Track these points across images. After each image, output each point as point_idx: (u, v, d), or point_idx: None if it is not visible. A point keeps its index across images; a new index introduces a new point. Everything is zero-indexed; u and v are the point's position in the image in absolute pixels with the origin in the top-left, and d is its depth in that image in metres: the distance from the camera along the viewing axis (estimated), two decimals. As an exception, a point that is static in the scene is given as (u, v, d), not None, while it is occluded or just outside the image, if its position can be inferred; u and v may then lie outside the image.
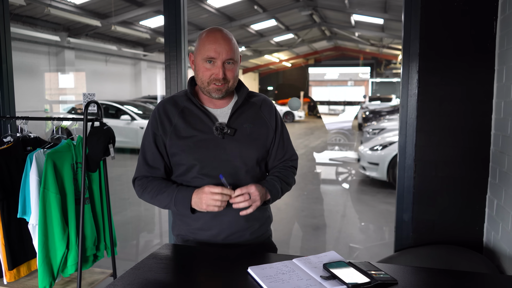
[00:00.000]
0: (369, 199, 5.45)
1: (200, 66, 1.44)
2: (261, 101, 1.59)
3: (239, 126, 1.49)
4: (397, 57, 19.47)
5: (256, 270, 1.21)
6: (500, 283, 1.26)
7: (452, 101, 2.19)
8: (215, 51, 1.40)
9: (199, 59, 1.44)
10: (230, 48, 1.42)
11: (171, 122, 1.48)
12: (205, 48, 1.41)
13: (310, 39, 17.90)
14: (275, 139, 1.58)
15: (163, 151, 1.50)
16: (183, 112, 1.49)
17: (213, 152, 1.45)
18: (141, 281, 1.18)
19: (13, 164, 2.08)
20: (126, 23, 11.54)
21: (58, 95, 12.00)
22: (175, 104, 1.51)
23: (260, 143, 1.53)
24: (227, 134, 1.46)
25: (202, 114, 1.49)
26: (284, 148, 1.62)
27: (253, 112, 1.55)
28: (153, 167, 1.51)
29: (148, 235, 4.37)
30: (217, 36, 1.42)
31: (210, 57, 1.41)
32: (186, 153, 1.46)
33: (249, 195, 1.38)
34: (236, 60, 1.45)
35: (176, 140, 1.46)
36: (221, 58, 1.41)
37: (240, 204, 1.37)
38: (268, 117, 1.57)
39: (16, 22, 9.45)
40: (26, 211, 2.02)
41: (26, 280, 2.12)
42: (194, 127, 1.47)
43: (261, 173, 1.56)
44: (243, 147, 1.48)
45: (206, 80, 1.44)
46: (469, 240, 2.23)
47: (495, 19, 2.10)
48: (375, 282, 1.12)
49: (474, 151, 2.19)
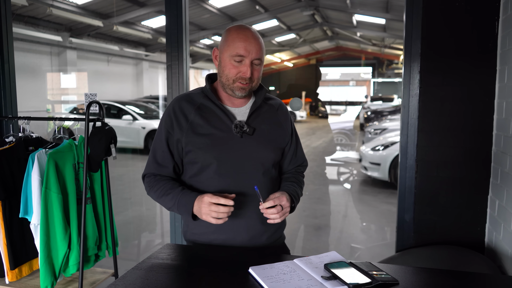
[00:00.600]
0: (370, 199, 5.44)
1: (227, 63, 1.40)
2: (278, 105, 1.58)
3: (257, 126, 1.47)
4: (399, 57, 19.44)
5: (257, 270, 1.21)
6: (502, 283, 1.26)
7: (453, 101, 2.19)
8: (245, 49, 1.37)
9: (226, 55, 1.40)
10: (260, 47, 1.40)
11: (187, 118, 1.44)
12: (234, 45, 1.37)
13: (311, 39, 17.88)
14: (290, 143, 1.58)
15: (174, 150, 1.46)
16: (199, 109, 1.45)
17: (231, 151, 1.42)
18: (142, 281, 1.19)
19: (15, 164, 2.09)
20: (128, 23, 11.56)
21: (60, 95, 12.02)
22: (191, 101, 1.47)
23: (277, 145, 1.51)
24: (245, 133, 1.43)
25: (220, 112, 1.45)
26: (298, 153, 1.62)
27: (270, 114, 1.53)
28: (162, 165, 1.48)
29: (149, 235, 4.37)
30: (248, 34, 1.39)
31: (239, 54, 1.37)
32: (203, 151, 1.41)
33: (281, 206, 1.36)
34: (262, 61, 1.43)
35: (193, 137, 1.42)
36: (250, 57, 1.38)
37: (272, 216, 1.35)
38: (284, 121, 1.56)
39: (19, 22, 9.48)
40: (28, 211, 2.03)
41: (28, 280, 2.13)
42: (212, 124, 1.43)
43: (276, 175, 1.54)
44: (261, 147, 1.46)
45: (232, 78, 1.40)
46: (470, 241, 2.23)
47: (497, 19, 2.10)
48: (376, 282, 1.12)
49: (475, 151, 2.18)
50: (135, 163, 8.50)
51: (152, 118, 9.82)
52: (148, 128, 9.07)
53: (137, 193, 5.99)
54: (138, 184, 6.47)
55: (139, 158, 8.89)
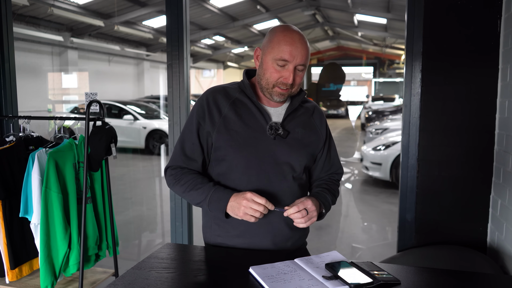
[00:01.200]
0: (372, 199, 5.43)
1: (269, 66, 1.33)
2: (314, 108, 1.51)
3: (291, 130, 1.41)
4: (400, 57, 19.43)
5: (258, 270, 1.20)
6: (504, 283, 1.25)
7: (455, 100, 2.18)
8: (291, 54, 1.30)
9: (269, 58, 1.33)
10: (306, 53, 1.33)
11: (221, 112, 1.37)
12: (280, 48, 1.31)
13: (313, 39, 17.87)
14: (323, 149, 1.51)
15: (204, 143, 1.39)
16: (234, 104, 1.39)
17: (262, 152, 1.36)
18: (142, 281, 1.18)
19: (15, 163, 2.08)
20: (129, 23, 11.57)
21: (61, 95, 12.04)
22: (227, 95, 1.41)
23: (309, 150, 1.45)
24: (279, 136, 1.38)
25: (255, 110, 1.39)
26: (331, 160, 1.54)
27: (306, 118, 1.47)
28: (191, 158, 1.40)
29: (150, 234, 4.37)
30: (295, 38, 1.31)
31: (283, 59, 1.30)
32: (233, 148, 1.35)
33: (306, 210, 1.30)
34: (306, 66, 1.35)
35: (225, 133, 1.36)
36: (295, 62, 1.31)
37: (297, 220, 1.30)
38: (319, 126, 1.49)
39: (20, 22, 9.49)
40: (28, 211, 2.02)
41: (28, 280, 2.13)
42: (246, 122, 1.37)
43: (306, 181, 1.49)
44: (293, 151, 1.39)
45: (273, 82, 1.34)
46: (472, 240, 2.22)
47: (499, 18, 2.08)
48: (377, 282, 1.11)
49: (477, 150, 2.17)
50: (136, 163, 8.50)
51: (153, 118, 9.83)
52: (149, 128, 9.07)
53: (138, 193, 5.99)
54: (139, 184, 6.50)
55: (140, 158, 8.89)
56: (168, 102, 2.41)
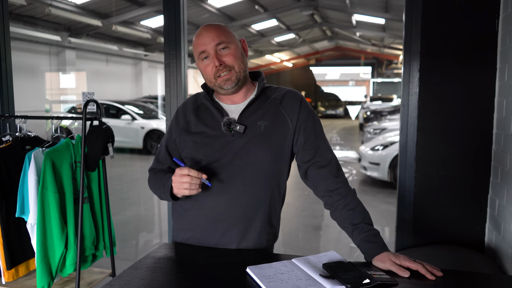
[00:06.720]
0: (370, 199, 5.43)
1: (200, 66, 1.38)
2: (283, 95, 1.42)
3: (252, 124, 1.37)
4: (398, 57, 19.45)
5: (255, 270, 1.20)
6: (501, 283, 1.25)
7: (453, 100, 2.18)
8: (202, 44, 1.34)
9: (198, 61, 1.39)
10: (216, 33, 1.34)
11: (186, 118, 1.46)
12: (195, 46, 1.37)
13: (311, 39, 17.89)
14: (297, 136, 1.39)
15: (172, 150, 1.48)
16: (198, 109, 1.45)
17: (221, 150, 1.37)
18: (139, 281, 1.17)
19: (11, 163, 2.07)
20: (127, 23, 11.55)
21: (59, 95, 12.02)
22: (195, 101, 1.48)
23: (274, 143, 1.37)
24: (236, 131, 1.36)
25: (214, 110, 1.42)
26: (314, 147, 1.39)
27: (272, 109, 1.40)
28: (162, 162, 1.51)
29: (147, 235, 4.36)
30: (201, 31, 1.37)
31: (201, 51, 1.35)
32: (193, 149, 1.40)
33: (422, 265, 1.21)
34: (229, 42, 1.34)
35: (186, 136, 1.42)
36: (210, 46, 1.33)
37: (429, 276, 1.18)
38: (289, 112, 1.39)
39: (17, 22, 9.46)
40: (25, 211, 2.01)
41: (25, 280, 2.11)
42: (205, 123, 1.41)
43: (280, 175, 1.41)
44: (252, 146, 1.35)
45: (211, 77, 1.36)
46: (470, 240, 2.22)
47: (497, 17, 2.08)
48: (375, 282, 1.11)
49: (475, 150, 2.17)
50: (134, 163, 8.49)
51: (151, 118, 9.82)
52: (147, 128, 9.06)
53: (136, 193, 5.98)
54: (137, 184, 6.49)
55: (137, 158, 8.88)
56: (166, 101, 2.41)
